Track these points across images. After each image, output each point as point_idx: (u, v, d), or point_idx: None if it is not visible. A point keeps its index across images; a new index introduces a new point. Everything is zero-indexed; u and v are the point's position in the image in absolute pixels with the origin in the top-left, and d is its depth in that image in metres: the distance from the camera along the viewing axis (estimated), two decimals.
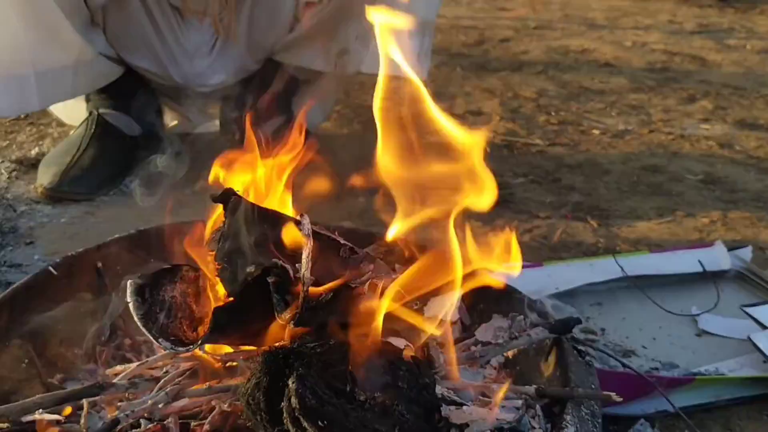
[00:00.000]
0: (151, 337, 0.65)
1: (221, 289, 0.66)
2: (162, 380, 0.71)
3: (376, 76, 0.70)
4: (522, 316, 0.86)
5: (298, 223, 0.65)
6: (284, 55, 1.61)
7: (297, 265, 0.62)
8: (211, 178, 0.77)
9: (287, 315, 0.60)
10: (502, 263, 0.74)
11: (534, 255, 1.31)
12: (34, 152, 1.64)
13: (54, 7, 1.35)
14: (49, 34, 1.38)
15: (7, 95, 1.38)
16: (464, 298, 0.80)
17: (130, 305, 0.65)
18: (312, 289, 0.61)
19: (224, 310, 0.63)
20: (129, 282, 0.66)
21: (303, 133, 0.81)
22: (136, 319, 0.66)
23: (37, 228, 1.33)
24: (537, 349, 0.85)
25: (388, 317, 0.66)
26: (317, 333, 0.62)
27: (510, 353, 0.85)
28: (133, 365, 0.75)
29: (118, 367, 0.78)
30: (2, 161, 1.60)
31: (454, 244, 0.70)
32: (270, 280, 0.61)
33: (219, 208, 0.69)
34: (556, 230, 1.41)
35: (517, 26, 3.15)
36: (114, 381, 0.72)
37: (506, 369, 0.86)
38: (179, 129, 1.78)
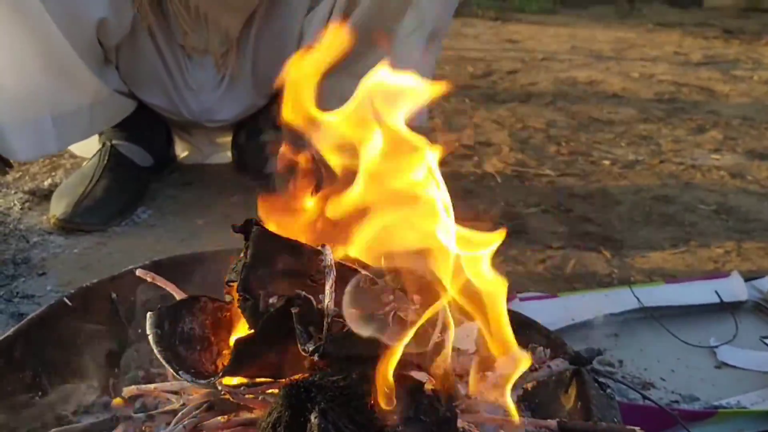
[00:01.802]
0: (171, 370, 0.64)
1: (242, 321, 0.66)
2: (179, 413, 0.70)
3: None
4: (541, 348, 0.85)
5: (319, 253, 0.65)
6: None
7: (320, 296, 0.61)
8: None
9: (310, 347, 0.59)
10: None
11: (548, 285, 1.30)
12: (47, 183, 1.64)
13: (70, 50, 1.36)
14: (65, 77, 1.39)
15: (26, 139, 1.39)
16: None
17: (150, 337, 0.65)
18: (335, 320, 0.60)
19: (246, 342, 0.62)
20: (149, 314, 0.65)
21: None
22: (155, 351, 0.65)
23: (50, 259, 1.33)
24: (557, 381, 0.83)
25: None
26: (339, 365, 0.61)
27: (529, 385, 0.83)
28: (151, 386, 0.74)
29: (133, 388, 0.78)
30: (15, 192, 1.60)
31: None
32: (293, 311, 0.60)
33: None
34: (570, 261, 1.41)
35: (525, 58, 3.17)
36: (130, 414, 0.72)
37: (525, 401, 0.84)
38: (190, 160, 1.79)
